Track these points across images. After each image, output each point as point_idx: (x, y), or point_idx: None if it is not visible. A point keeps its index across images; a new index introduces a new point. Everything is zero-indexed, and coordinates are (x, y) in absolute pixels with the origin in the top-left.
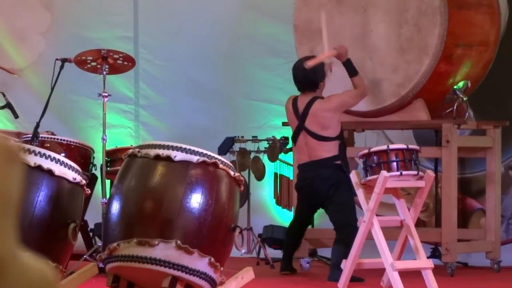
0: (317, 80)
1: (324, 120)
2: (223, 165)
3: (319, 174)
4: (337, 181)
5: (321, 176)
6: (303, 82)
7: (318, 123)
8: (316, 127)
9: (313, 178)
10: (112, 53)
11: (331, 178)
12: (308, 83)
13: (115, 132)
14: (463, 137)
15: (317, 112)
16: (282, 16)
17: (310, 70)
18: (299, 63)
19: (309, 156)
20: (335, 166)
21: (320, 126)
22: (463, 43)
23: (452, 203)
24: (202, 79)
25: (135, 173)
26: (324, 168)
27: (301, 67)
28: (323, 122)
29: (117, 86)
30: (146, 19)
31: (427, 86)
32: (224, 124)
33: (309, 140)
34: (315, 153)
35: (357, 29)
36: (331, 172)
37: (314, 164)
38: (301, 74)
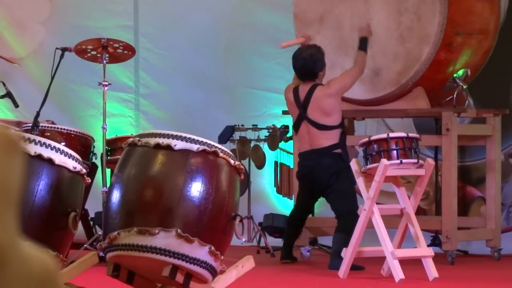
0: (316, 69)
1: (326, 106)
2: (223, 153)
3: (319, 163)
4: (338, 170)
5: (321, 165)
6: (302, 71)
7: (320, 110)
8: (318, 114)
9: (314, 167)
10: (112, 42)
11: (332, 167)
12: (307, 73)
13: (115, 121)
14: (463, 125)
15: (319, 98)
16: (282, 5)
17: (309, 59)
18: (298, 52)
19: (310, 144)
20: (335, 155)
21: (322, 113)
22: (462, 31)
23: (452, 191)
24: (202, 68)
25: (135, 162)
26: (325, 157)
27: (300, 56)
28: (325, 108)
29: (117, 75)
30: (146, 8)
31: (427, 74)
32: (224, 113)
33: (311, 129)
34: (316, 141)
35: (358, 18)
36: (332, 161)
37: (314, 153)
38: (300, 63)
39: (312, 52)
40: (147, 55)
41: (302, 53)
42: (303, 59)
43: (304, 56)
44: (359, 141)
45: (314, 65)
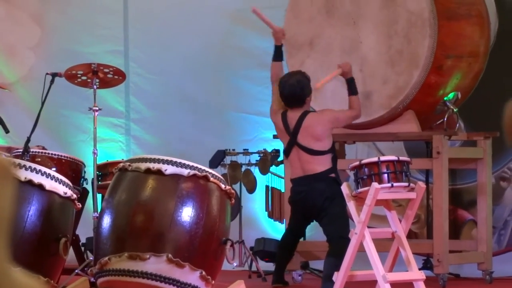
0: (304, 96)
1: (318, 132)
2: (214, 178)
3: (313, 188)
4: (332, 194)
5: (315, 190)
6: (290, 99)
7: (311, 136)
8: (309, 140)
9: (308, 192)
10: (102, 67)
11: (326, 191)
12: (295, 99)
13: (106, 146)
14: (454, 148)
15: (311, 124)
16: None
17: (296, 86)
18: (284, 78)
19: (302, 170)
20: (330, 179)
21: (313, 139)
22: (453, 54)
23: (444, 214)
24: (192, 92)
25: (126, 187)
26: (319, 181)
27: (287, 84)
28: (317, 135)
29: (108, 100)
30: (136, 33)
31: (418, 98)
32: (215, 137)
33: (302, 155)
34: (309, 167)
35: (348, 41)
36: (326, 185)
37: (308, 178)
38: (288, 90)
39: (298, 78)
40: (137, 80)
41: (288, 79)
42: (290, 86)
43: (291, 83)
44: (350, 164)
45: (302, 91)
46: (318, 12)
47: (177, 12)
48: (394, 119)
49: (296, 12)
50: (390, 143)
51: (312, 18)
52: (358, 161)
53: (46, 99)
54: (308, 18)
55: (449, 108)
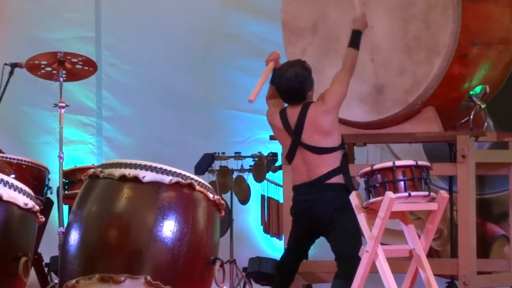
0: (304, 90)
1: (325, 124)
2: (200, 186)
3: (320, 197)
4: (342, 204)
5: (322, 199)
6: (288, 95)
7: (318, 131)
8: (315, 137)
9: (314, 201)
10: (70, 56)
11: (335, 201)
12: (293, 96)
13: (74, 149)
14: (481, 151)
15: (315, 118)
16: (268, 12)
17: (294, 80)
18: (280, 71)
19: (308, 175)
20: (338, 187)
21: (321, 134)
22: (479, 41)
23: (470, 229)
24: (175, 86)
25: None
26: (326, 189)
27: (284, 77)
28: (324, 128)
29: (76, 95)
30: (110, 17)
31: (439, 92)
32: (202, 139)
33: (308, 156)
34: (315, 169)
35: None
36: (334, 194)
37: (313, 185)
38: (284, 85)
39: (296, 70)
40: (111, 71)
41: (285, 73)
42: (287, 80)
43: (288, 76)
44: (360, 170)
45: (301, 86)
46: None
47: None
48: (412, 117)
49: None
50: (407, 145)
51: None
52: (369, 167)
53: (4, 94)
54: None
55: (475, 104)
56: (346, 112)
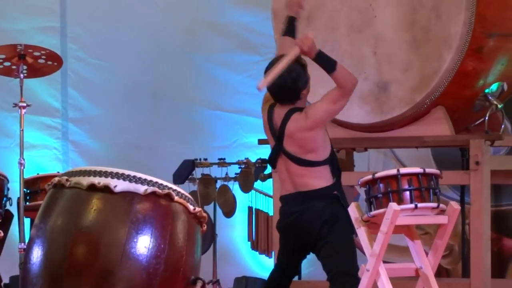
0: (297, 88)
1: (305, 142)
2: (179, 197)
3: (309, 208)
4: (333, 216)
5: (311, 210)
6: (279, 93)
7: (298, 146)
8: (296, 149)
9: (302, 213)
10: (31, 49)
11: (325, 212)
12: (285, 94)
13: (37, 154)
14: (497, 158)
15: (294, 133)
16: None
17: (286, 77)
18: (270, 66)
19: (293, 185)
20: (330, 197)
21: (301, 150)
22: (496, 32)
23: (484, 245)
24: (151, 83)
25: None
26: (316, 199)
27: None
28: (304, 145)
29: (39, 94)
30: (76, 4)
31: (450, 90)
32: (181, 143)
33: (290, 166)
34: (301, 181)
35: (357, 15)
36: (325, 205)
37: (302, 195)
38: (276, 82)
39: (290, 66)
40: (77, 66)
41: (273, 64)
42: (279, 76)
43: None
44: (360, 179)
45: (294, 83)
46: None
47: None
48: (419, 118)
49: None
50: (413, 151)
51: None
52: (371, 175)
53: None
54: None
55: (492, 104)
56: (345, 113)
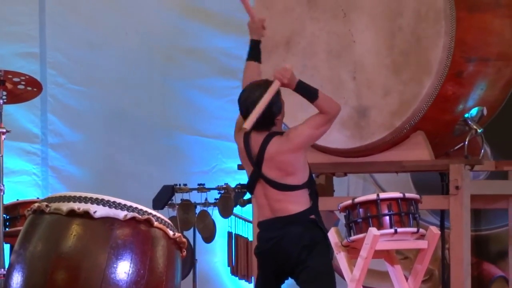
0: (271, 116)
1: (285, 165)
2: (159, 222)
3: (287, 233)
4: (312, 241)
5: (290, 235)
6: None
7: (278, 169)
8: (276, 173)
9: (280, 239)
10: (11, 75)
11: (304, 237)
12: (260, 121)
13: (16, 180)
14: (477, 182)
15: (275, 156)
16: (235, 24)
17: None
18: (244, 94)
19: (271, 210)
20: (308, 222)
21: (281, 173)
22: (476, 56)
23: (465, 270)
24: (130, 109)
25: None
26: (294, 224)
27: (248, 100)
28: (284, 168)
29: (18, 119)
30: (55, 30)
31: (430, 115)
32: (161, 168)
33: (269, 191)
34: (279, 206)
35: (336, 40)
36: (303, 230)
37: (279, 221)
38: (250, 108)
39: (263, 92)
40: (57, 92)
41: (249, 95)
42: (253, 103)
43: (253, 98)
44: (340, 204)
45: (268, 110)
46: (296, 1)
47: (109, 2)
48: (399, 143)
49: (268, 1)
50: (393, 175)
51: (289, 10)
52: (350, 200)
53: None
54: (283, 10)
55: (471, 129)
56: (324, 138)
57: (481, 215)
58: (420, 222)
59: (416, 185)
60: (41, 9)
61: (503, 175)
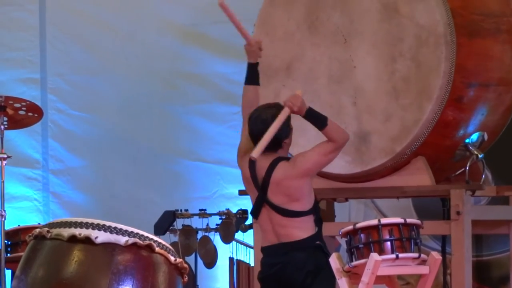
0: (279, 137)
1: (291, 190)
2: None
3: (291, 259)
4: (316, 267)
5: (294, 261)
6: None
7: (283, 195)
8: (281, 199)
9: (284, 264)
10: (11, 100)
11: (308, 263)
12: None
13: (17, 206)
14: (479, 207)
15: (281, 181)
16: (236, 50)
17: (270, 123)
18: (255, 113)
19: (276, 236)
20: (313, 248)
21: (286, 198)
22: (476, 82)
23: None
24: (131, 135)
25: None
26: (299, 250)
27: (259, 119)
28: (290, 193)
29: (19, 145)
30: (56, 56)
31: (430, 140)
32: (162, 194)
33: (274, 216)
34: (285, 232)
35: (336, 65)
36: (307, 256)
37: (284, 247)
38: (259, 128)
39: (274, 113)
40: (58, 118)
41: (260, 114)
42: (262, 122)
43: (264, 118)
44: (341, 229)
45: (278, 132)
46: (297, 27)
47: (109, 29)
48: (400, 168)
49: (269, 27)
50: (394, 200)
51: (289, 35)
52: (352, 225)
53: None
54: (284, 36)
55: (472, 154)
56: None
57: (483, 240)
58: (421, 247)
59: (417, 210)
60: (41, 35)
61: (504, 201)
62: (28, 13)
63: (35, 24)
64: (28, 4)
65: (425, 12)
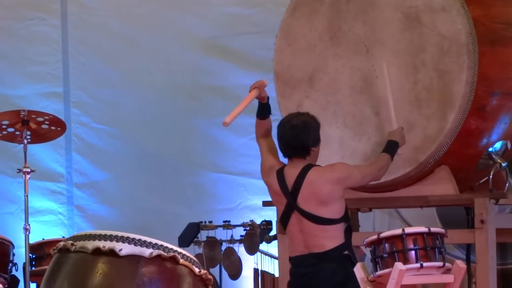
0: (308, 142)
1: (324, 194)
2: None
3: (321, 269)
4: (345, 277)
5: (324, 272)
6: (291, 145)
7: (316, 198)
8: (313, 204)
9: (314, 275)
10: (35, 115)
11: (337, 273)
12: (296, 147)
13: (42, 220)
14: (503, 216)
15: (314, 182)
16: (258, 62)
17: (301, 128)
18: (286, 119)
19: (306, 246)
20: (342, 258)
21: (318, 202)
22: (499, 91)
23: None
24: (154, 147)
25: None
26: (328, 261)
27: (289, 124)
28: (323, 197)
29: (43, 159)
30: (79, 70)
31: (453, 149)
32: (186, 206)
33: (305, 225)
34: (315, 241)
35: (359, 76)
36: (337, 266)
37: (314, 257)
38: (288, 133)
39: (305, 119)
40: (81, 131)
41: (291, 119)
42: (292, 128)
43: (294, 124)
44: (366, 239)
45: (307, 136)
46: (319, 38)
47: (131, 42)
48: (423, 178)
49: (291, 39)
50: (418, 210)
51: (311, 46)
52: (376, 235)
53: None
54: (306, 47)
55: (495, 163)
56: None
57: (507, 248)
58: (446, 256)
59: (441, 219)
60: (64, 49)
61: None
62: (51, 27)
63: (58, 38)
64: (51, 19)
65: (447, 22)
